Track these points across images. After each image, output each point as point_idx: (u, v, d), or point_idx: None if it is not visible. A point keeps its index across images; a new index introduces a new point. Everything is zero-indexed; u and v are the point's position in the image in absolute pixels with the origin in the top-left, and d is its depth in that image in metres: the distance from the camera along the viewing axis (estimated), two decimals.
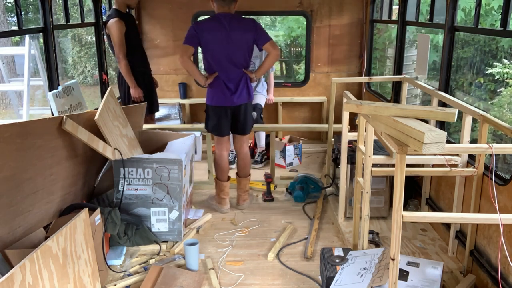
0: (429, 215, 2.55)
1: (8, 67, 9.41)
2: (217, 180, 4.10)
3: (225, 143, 4.04)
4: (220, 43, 3.70)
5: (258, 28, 3.77)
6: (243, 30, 3.72)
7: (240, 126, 3.99)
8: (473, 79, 7.53)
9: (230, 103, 3.84)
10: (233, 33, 3.69)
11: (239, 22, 3.74)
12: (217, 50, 3.73)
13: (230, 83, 3.81)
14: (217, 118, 3.91)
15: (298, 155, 5.34)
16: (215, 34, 3.69)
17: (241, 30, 3.72)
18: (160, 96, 5.91)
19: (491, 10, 6.80)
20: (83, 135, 3.05)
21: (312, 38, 5.83)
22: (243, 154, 4.13)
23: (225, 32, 3.68)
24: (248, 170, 4.18)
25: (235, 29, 3.70)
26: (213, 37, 3.69)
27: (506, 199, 2.60)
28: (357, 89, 5.97)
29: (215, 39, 3.70)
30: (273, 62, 3.89)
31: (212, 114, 3.92)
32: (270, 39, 3.77)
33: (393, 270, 2.19)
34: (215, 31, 3.69)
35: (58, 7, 10.07)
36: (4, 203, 2.53)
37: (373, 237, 3.39)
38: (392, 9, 5.09)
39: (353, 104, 2.49)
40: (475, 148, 2.53)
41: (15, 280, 2.01)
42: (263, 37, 3.76)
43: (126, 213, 3.41)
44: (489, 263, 2.76)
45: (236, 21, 3.72)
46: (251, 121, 4.06)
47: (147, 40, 5.84)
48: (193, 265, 3.17)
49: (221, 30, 3.68)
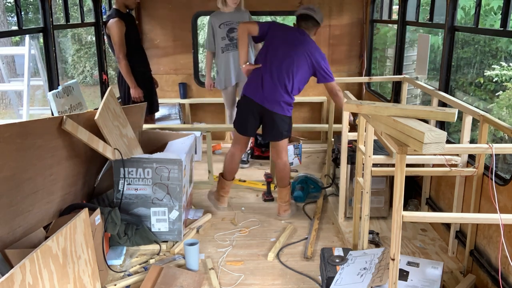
0: (429, 215, 2.55)
1: (8, 67, 9.41)
2: (221, 177, 4.07)
3: (242, 144, 3.96)
4: (282, 46, 3.66)
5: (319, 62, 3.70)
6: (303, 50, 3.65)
7: (268, 131, 3.79)
8: (473, 79, 7.54)
9: (259, 101, 3.68)
10: (299, 48, 3.64)
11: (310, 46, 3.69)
12: (275, 50, 3.67)
13: (267, 85, 3.66)
14: (244, 112, 3.79)
15: (298, 155, 5.34)
16: (285, 37, 3.69)
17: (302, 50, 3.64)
18: (160, 96, 5.91)
19: (490, 10, 6.80)
20: (83, 135, 3.05)
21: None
22: (281, 164, 3.92)
23: (293, 41, 3.66)
24: (288, 180, 3.98)
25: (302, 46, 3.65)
26: (281, 38, 3.68)
27: (506, 199, 2.60)
28: (357, 89, 5.97)
29: (281, 41, 3.67)
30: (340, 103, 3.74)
31: (240, 105, 3.83)
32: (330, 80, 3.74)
33: (393, 270, 2.19)
34: (287, 35, 3.70)
35: (58, 7, 10.08)
36: (4, 203, 2.53)
37: (373, 237, 3.39)
38: (392, 9, 5.09)
39: (353, 104, 2.49)
40: (475, 148, 2.53)
41: (15, 280, 2.01)
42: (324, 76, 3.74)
43: (126, 213, 3.41)
44: (489, 263, 2.76)
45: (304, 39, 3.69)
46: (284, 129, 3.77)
47: (147, 40, 5.84)
48: (193, 265, 3.17)
49: (292, 38, 3.68)
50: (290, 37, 3.70)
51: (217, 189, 4.13)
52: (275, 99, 3.66)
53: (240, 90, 4.21)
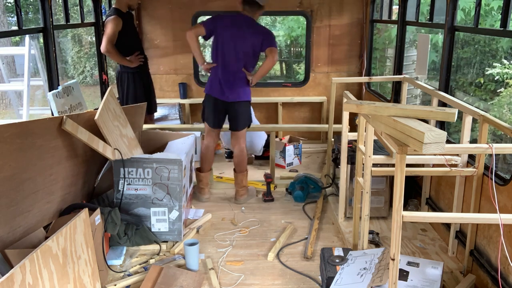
0: (429, 215, 2.55)
1: (8, 67, 9.41)
2: (197, 171, 4.28)
3: (214, 136, 4.24)
4: (229, 39, 3.90)
5: (269, 34, 3.99)
6: (254, 33, 3.92)
7: (233, 123, 4.15)
8: (473, 79, 7.53)
9: (223, 98, 4.02)
10: (244, 34, 3.90)
11: (253, 26, 3.96)
12: (224, 44, 3.92)
13: (228, 79, 3.98)
14: (211, 108, 4.09)
15: (298, 155, 5.34)
16: (230, 29, 3.90)
17: (252, 33, 3.91)
18: (160, 96, 5.93)
19: (490, 11, 6.80)
20: (83, 135, 3.05)
21: (312, 38, 5.83)
22: (239, 150, 4.23)
23: (236, 30, 3.89)
24: (244, 166, 4.27)
25: (248, 31, 3.90)
26: (226, 32, 3.91)
27: (506, 199, 2.60)
28: (357, 89, 5.97)
29: (227, 34, 3.90)
30: (269, 67, 4.01)
31: (208, 103, 4.11)
32: (272, 46, 3.94)
33: (393, 270, 2.19)
34: (230, 27, 3.91)
35: (58, 7, 10.07)
36: (4, 203, 2.53)
37: (373, 237, 3.39)
38: (392, 9, 5.09)
39: (353, 104, 2.49)
40: (475, 148, 2.53)
41: (15, 280, 2.01)
42: (270, 42, 3.94)
43: (126, 213, 3.41)
44: (489, 263, 2.76)
45: (252, 25, 3.95)
46: (245, 119, 4.16)
47: (147, 40, 5.84)
48: (193, 265, 3.17)
49: (234, 28, 3.90)
50: (236, 24, 3.92)
51: (197, 183, 4.34)
52: (235, 90, 4.00)
53: None
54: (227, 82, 3.99)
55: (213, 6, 5.68)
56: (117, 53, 4.45)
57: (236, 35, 3.90)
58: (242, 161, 4.25)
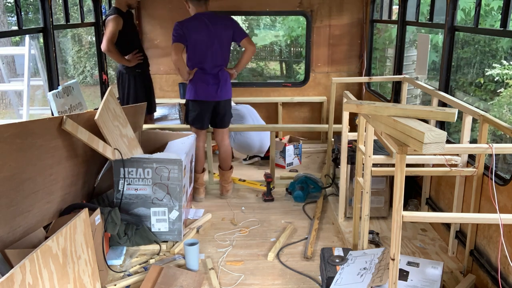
0: (429, 215, 2.55)
1: (8, 67, 9.41)
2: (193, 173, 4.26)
3: (204, 136, 4.29)
4: (205, 41, 3.92)
5: (236, 25, 4.05)
6: (224, 27, 3.96)
7: (220, 120, 4.21)
8: (473, 79, 7.53)
9: (213, 98, 4.05)
10: (216, 31, 3.93)
11: (219, 20, 3.98)
12: (202, 48, 3.93)
13: (214, 79, 4.01)
14: (200, 112, 4.10)
15: (298, 155, 5.34)
16: (200, 32, 3.89)
17: (222, 27, 3.96)
18: (160, 96, 5.94)
19: (490, 11, 6.80)
20: (83, 135, 3.05)
21: (312, 38, 5.83)
22: (225, 147, 4.33)
23: (208, 30, 3.91)
24: (230, 163, 4.37)
25: (217, 26, 3.93)
26: (198, 36, 3.90)
27: (506, 199, 2.60)
28: (357, 89, 5.97)
29: (201, 38, 3.90)
30: (250, 57, 4.14)
31: (195, 108, 4.11)
32: (247, 35, 4.06)
33: (393, 270, 2.19)
34: (200, 29, 3.90)
35: (58, 7, 10.07)
36: (4, 203, 2.53)
37: (373, 237, 3.39)
38: (392, 9, 5.09)
39: (353, 104, 2.49)
40: (475, 148, 2.53)
41: (15, 280, 2.01)
42: (241, 34, 4.02)
43: (126, 213, 3.41)
44: (489, 263, 2.77)
45: (216, 19, 3.97)
46: (230, 116, 4.28)
47: (147, 40, 5.84)
48: (193, 265, 3.17)
49: (205, 29, 3.90)
50: (202, 24, 3.91)
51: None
52: (224, 87, 4.05)
53: None
54: (215, 81, 4.01)
55: (213, 6, 5.64)
56: (117, 53, 4.45)
57: (208, 37, 3.91)
58: (228, 157, 4.35)
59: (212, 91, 4.03)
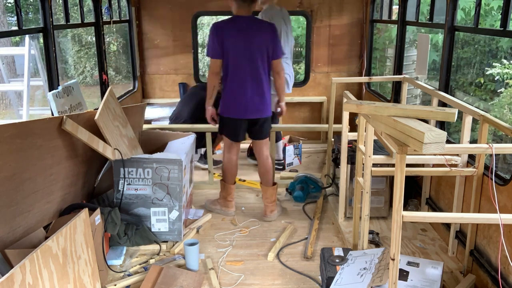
0: (429, 215, 2.55)
1: (8, 67, 9.40)
2: (224, 183, 3.99)
3: (237, 147, 3.91)
4: (243, 51, 3.54)
5: (276, 37, 3.65)
6: (263, 34, 3.58)
7: (256, 133, 3.84)
8: (473, 79, 7.53)
9: (249, 117, 3.68)
10: (254, 38, 3.55)
11: (259, 26, 3.62)
12: (240, 58, 3.55)
13: (252, 93, 3.61)
14: (233, 127, 3.75)
15: (298, 155, 5.34)
16: (239, 41, 3.53)
17: (261, 35, 3.57)
18: (160, 96, 5.95)
19: (490, 10, 6.80)
20: (83, 135, 3.05)
21: (312, 38, 5.83)
22: (263, 159, 3.92)
23: (245, 37, 3.53)
24: (271, 178, 3.96)
25: (255, 33, 3.55)
26: (235, 44, 3.53)
27: (506, 199, 2.60)
28: (357, 89, 5.97)
29: (239, 47, 3.53)
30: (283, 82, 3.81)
31: (229, 124, 3.75)
32: (281, 56, 3.71)
33: (393, 270, 2.19)
34: (236, 37, 3.53)
35: (58, 7, 10.07)
36: (4, 203, 2.53)
37: (373, 237, 3.39)
38: (392, 9, 5.09)
39: (353, 104, 2.49)
40: (475, 148, 2.53)
41: (15, 280, 2.01)
42: (279, 51, 3.66)
43: (126, 213, 3.41)
44: (489, 263, 2.76)
45: (256, 25, 3.61)
46: (268, 128, 3.89)
47: (147, 40, 5.84)
48: (193, 265, 3.17)
49: (244, 36, 3.53)
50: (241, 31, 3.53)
51: (222, 196, 4.03)
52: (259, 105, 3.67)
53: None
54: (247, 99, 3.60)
55: (213, 6, 5.68)
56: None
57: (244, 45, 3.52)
58: (268, 171, 3.91)
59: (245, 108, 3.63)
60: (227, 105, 3.70)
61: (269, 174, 3.95)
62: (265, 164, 3.94)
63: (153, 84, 5.98)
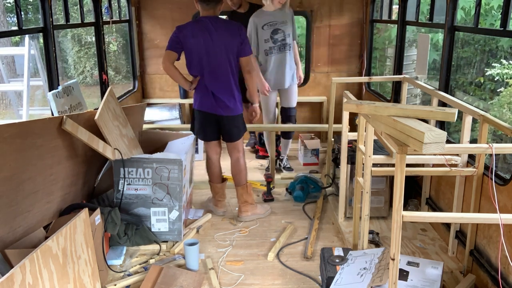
0: (429, 215, 2.55)
1: (8, 67, 9.41)
2: (211, 183, 4.05)
3: (214, 147, 3.91)
4: (204, 49, 3.55)
5: (244, 37, 3.62)
6: (229, 35, 3.56)
7: (226, 135, 3.85)
8: (473, 78, 7.53)
9: (214, 112, 3.70)
10: (219, 39, 3.53)
11: (225, 27, 3.59)
12: (201, 56, 3.57)
13: (216, 91, 3.64)
14: (202, 123, 3.77)
15: (316, 154, 5.34)
16: (199, 39, 3.52)
17: (227, 35, 3.56)
18: (160, 96, 5.95)
19: (490, 9, 6.80)
20: (83, 135, 3.05)
21: (312, 38, 5.83)
22: (233, 160, 3.93)
23: (209, 37, 3.52)
24: (242, 178, 3.93)
25: (220, 34, 3.54)
26: (197, 43, 3.53)
27: (506, 199, 2.60)
28: (357, 89, 5.97)
29: (199, 45, 3.53)
30: (255, 82, 3.80)
31: (197, 118, 3.79)
32: (251, 53, 3.70)
33: (393, 270, 2.19)
34: (199, 36, 3.52)
35: (58, 7, 10.07)
36: (4, 203, 2.53)
37: (373, 237, 3.39)
38: (392, 9, 5.09)
39: (353, 104, 2.49)
40: (475, 148, 2.53)
41: (15, 280, 2.01)
42: (246, 49, 3.64)
43: (126, 213, 3.41)
44: (489, 263, 2.76)
45: (222, 25, 3.58)
46: (238, 130, 3.84)
47: (147, 40, 5.84)
48: (193, 265, 3.17)
49: (206, 35, 3.52)
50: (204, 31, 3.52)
51: (212, 195, 4.09)
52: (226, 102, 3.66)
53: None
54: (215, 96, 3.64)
55: None
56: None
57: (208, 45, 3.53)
58: (239, 172, 3.92)
59: (213, 104, 3.66)
60: (196, 99, 3.75)
61: (239, 175, 3.94)
62: (234, 166, 3.95)
63: (153, 84, 5.98)
